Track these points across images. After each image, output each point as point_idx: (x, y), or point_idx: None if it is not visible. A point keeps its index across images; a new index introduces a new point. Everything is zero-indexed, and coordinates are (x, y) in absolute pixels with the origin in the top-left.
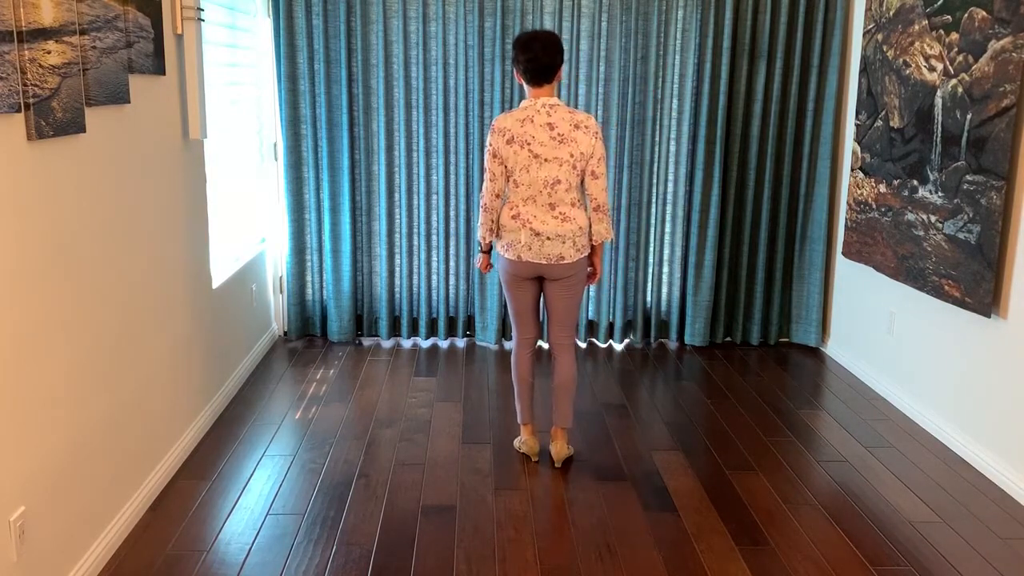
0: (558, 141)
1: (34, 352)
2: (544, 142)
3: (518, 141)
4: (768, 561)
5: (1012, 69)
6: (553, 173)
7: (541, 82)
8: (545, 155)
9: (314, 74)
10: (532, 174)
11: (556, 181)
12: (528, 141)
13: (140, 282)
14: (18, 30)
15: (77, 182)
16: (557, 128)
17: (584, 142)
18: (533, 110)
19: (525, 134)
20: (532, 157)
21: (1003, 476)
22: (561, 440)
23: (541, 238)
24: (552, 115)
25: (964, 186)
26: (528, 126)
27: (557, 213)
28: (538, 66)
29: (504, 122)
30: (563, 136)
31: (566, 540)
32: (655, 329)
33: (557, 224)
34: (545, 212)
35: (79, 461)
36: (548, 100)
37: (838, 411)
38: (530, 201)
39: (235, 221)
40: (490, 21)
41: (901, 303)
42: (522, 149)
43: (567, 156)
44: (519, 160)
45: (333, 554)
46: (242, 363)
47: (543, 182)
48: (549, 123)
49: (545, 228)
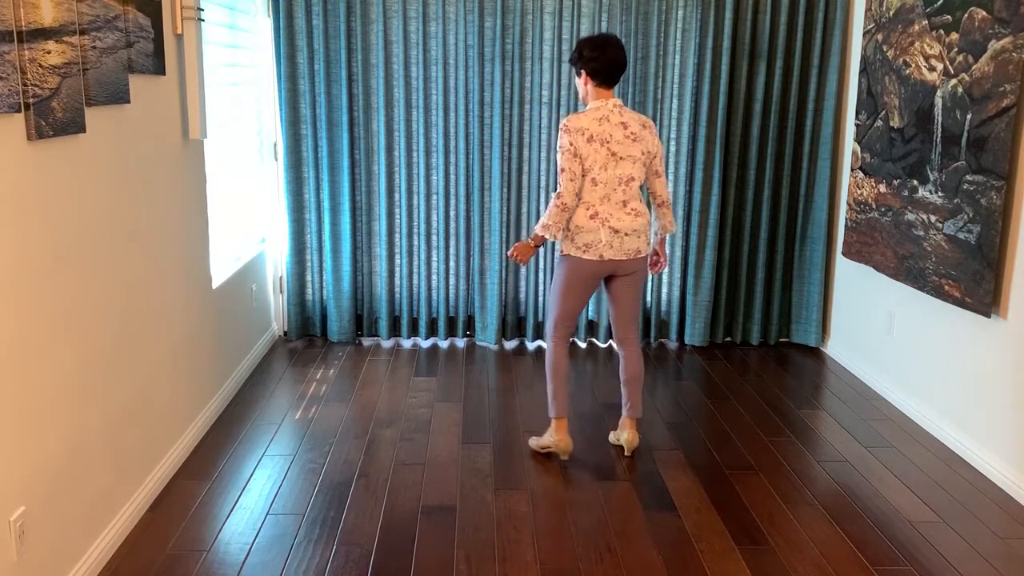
0: (632, 140)
1: (34, 352)
2: (620, 140)
3: (598, 139)
4: (768, 561)
5: (1012, 69)
6: (628, 170)
7: (611, 83)
8: (621, 153)
9: (314, 74)
10: (610, 172)
11: (631, 178)
12: (607, 140)
13: (140, 282)
14: (18, 30)
15: (77, 182)
16: (630, 127)
17: (651, 141)
18: (607, 110)
19: (604, 133)
20: (610, 155)
21: (1003, 476)
22: (633, 429)
23: (620, 235)
24: (623, 115)
25: (964, 186)
26: (605, 125)
27: (630, 209)
28: (616, 67)
29: (580, 122)
30: (635, 135)
31: (566, 540)
32: (655, 329)
33: (632, 220)
34: (619, 209)
35: (79, 461)
36: (616, 101)
37: (838, 411)
38: (606, 199)
39: (235, 221)
40: (490, 21)
41: (901, 303)
42: (602, 147)
43: (639, 154)
44: (598, 158)
45: (333, 554)
46: (242, 363)
47: (618, 179)
48: (623, 122)
49: (622, 224)
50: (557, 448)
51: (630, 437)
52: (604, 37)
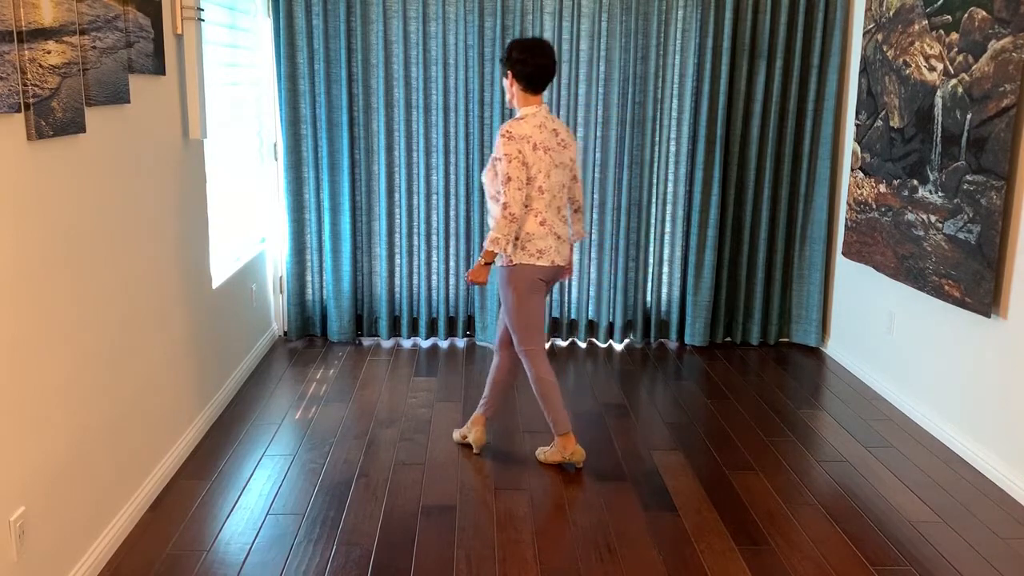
0: (562, 146)
1: (34, 352)
2: (554, 148)
3: (541, 147)
4: (768, 561)
5: (1012, 69)
6: (561, 177)
7: (539, 89)
8: (557, 160)
9: (314, 74)
10: (552, 179)
11: (562, 185)
12: (549, 147)
13: (140, 282)
14: (18, 30)
15: (77, 182)
16: (560, 134)
17: (574, 147)
18: (542, 116)
19: (545, 140)
20: (552, 163)
21: (1003, 476)
22: (482, 427)
23: (561, 240)
24: (554, 122)
25: (964, 186)
26: (544, 132)
27: (561, 216)
28: (544, 74)
29: (523, 129)
30: (564, 142)
31: (566, 540)
32: (655, 329)
33: (564, 226)
34: (556, 215)
35: (79, 461)
36: (544, 108)
37: (838, 411)
38: (550, 206)
39: (235, 221)
40: (490, 21)
41: (901, 303)
42: (545, 154)
43: (568, 160)
44: (543, 166)
45: (333, 554)
46: (242, 363)
47: (559, 186)
48: (554, 129)
49: (562, 231)
50: (572, 459)
51: (478, 435)
52: (535, 42)
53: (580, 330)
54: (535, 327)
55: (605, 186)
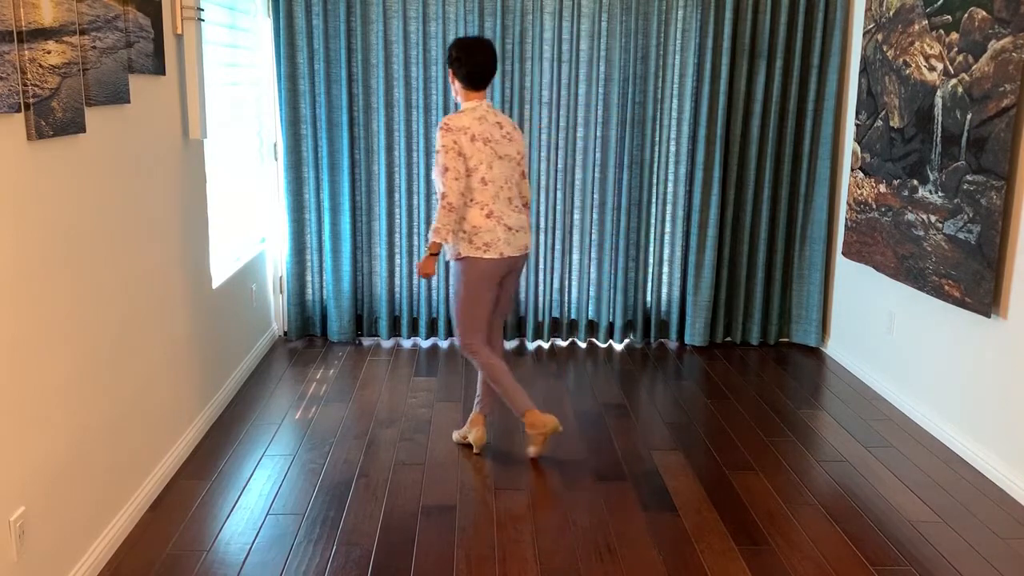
0: (508, 139)
1: (34, 352)
2: (499, 140)
3: (480, 138)
4: (768, 561)
5: (1012, 69)
6: (507, 170)
7: (480, 87)
8: (500, 152)
9: (314, 74)
10: (496, 171)
11: (510, 176)
12: (489, 138)
13: (140, 282)
14: (18, 30)
15: (77, 182)
16: (504, 128)
17: (521, 142)
18: (483, 110)
19: (485, 131)
20: (494, 154)
21: (1003, 476)
22: (481, 427)
23: (512, 231)
24: (497, 116)
25: (964, 186)
26: (485, 124)
27: (515, 206)
28: (482, 73)
29: (461, 121)
30: (510, 135)
31: (566, 540)
32: (655, 329)
33: (518, 216)
34: (507, 206)
35: (79, 461)
36: (488, 103)
37: (838, 411)
38: (497, 198)
39: (235, 221)
40: (490, 21)
41: (901, 303)
42: (485, 146)
43: (515, 153)
44: (484, 157)
45: (333, 554)
46: (242, 363)
47: (504, 178)
48: (498, 122)
49: (512, 221)
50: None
51: (478, 435)
52: (475, 41)
53: (580, 330)
54: (478, 322)
55: (605, 186)
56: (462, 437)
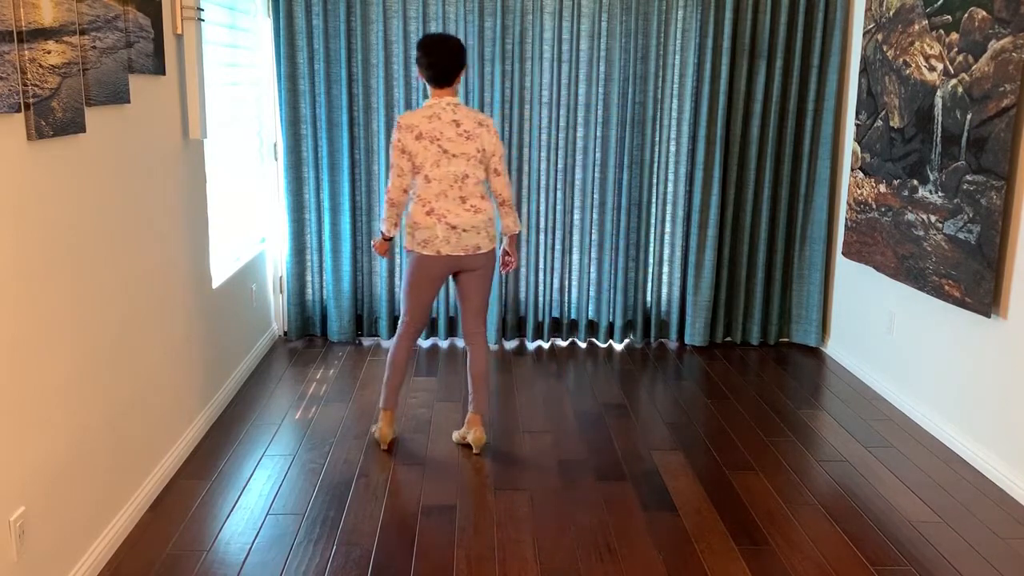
0: (465, 137)
1: (34, 352)
2: (452, 138)
3: (427, 137)
4: (768, 561)
5: (1012, 69)
6: (462, 168)
7: (442, 84)
8: (454, 151)
9: (314, 74)
10: (442, 169)
11: (465, 176)
12: (437, 137)
13: (140, 282)
14: (18, 30)
15: (77, 182)
16: (463, 125)
17: (487, 139)
18: (439, 107)
19: (434, 130)
20: (442, 152)
21: (1003, 476)
22: (479, 427)
23: (457, 231)
24: (457, 113)
25: (964, 186)
26: (436, 123)
27: (468, 206)
28: (440, 71)
29: (411, 119)
30: (469, 133)
31: (566, 540)
32: (655, 329)
33: (470, 216)
34: (458, 205)
35: (79, 461)
36: (451, 100)
37: (838, 411)
38: (442, 196)
39: (235, 221)
40: (490, 21)
41: (901, 303)
42: (432, 144)
43: (474, 151)
44: (429, 155)
45: (333, 554)
46: (242, 363)
47: (453, 177)
48: (455, 120)
49: (460, 221)
50: (377, 436)
51: (477, 435)
52: (436, 39)
53: (580, 330)
54: (411, 310)
55: (605, 186)
56: (461, 438)
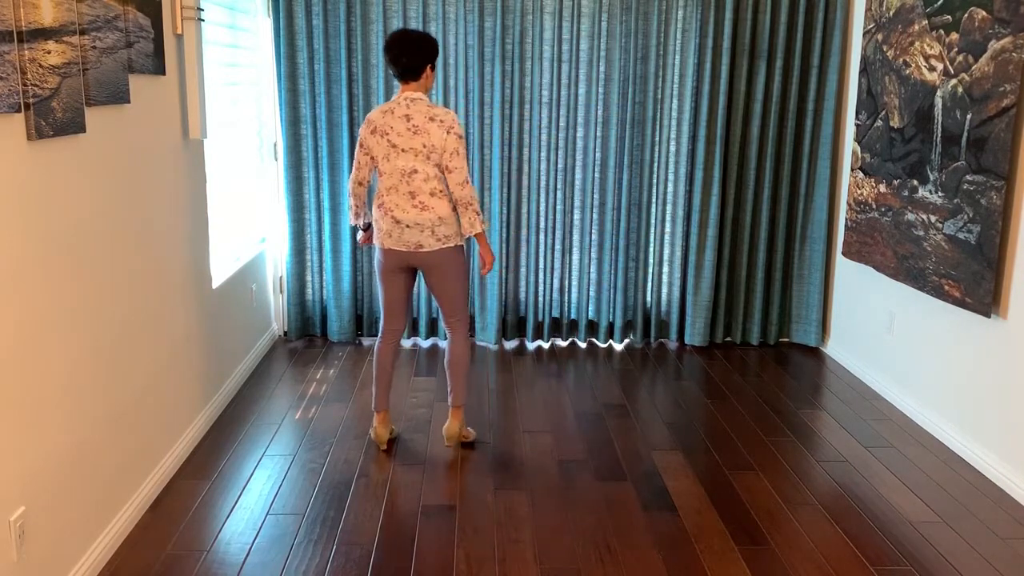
0: (413, 132)
1: (34, 352)
2: (401, 132)
3: (379, 131)
4: (768, 561)
5: (1012, 69)
6: (409, 163)
7: (406, 79)
8: (402, 145)
9: (314, 74)
10: (391, 163)
11: (413, 171)
12: (387, 131)
13: (140, 282)
14: (18, 30)
15: (77, 182)
16: (413, 120)
17: (436, 135)
18: (396, 102)
19: (385, 124)
20: (391, 147)
21: (1003, 476)
22: (454, 419)
23: (401, 226)
24: (410, 108)
25: (964, 186)
26: (388, 117)
27: (417, 202)
28: (399, 66)
29: (372, 114)
30: (417, 127)
31: (566, 540)
32: (655, 329)
33: (416, 213)
34: (406, 201)
35: (79, 461)
36: (412, 95)
37: (838, 411)
38: (392, 190)
39: (235, 221)
40: (490, 21)
41: (901, 303)
42: (382, 139)
43: (420, 147)
44: (380, 149)
45: (333, 554)
46: (242, 363)
47: (401, 171)
48: (407, 115)
49: (404, 216)
50: (372, 437)
51: (449, 428)
52: (398, 35)
53: (580, 330)
54: (384, 309)
55: (605, 186)
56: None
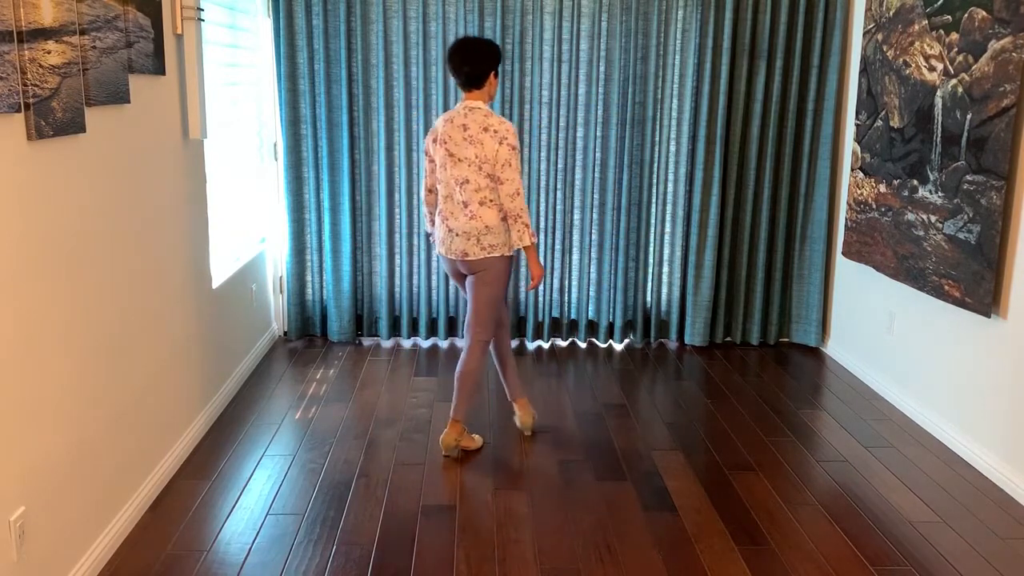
0: (468, 142)
1: (34, 352)
2: (457, 142)
3: (439, 140)
4: (768, 561)
5: (1012, 69)
6: (463, 172)
7: (469, 88)
8: (458, 154)
9: (314, 74)
10: (448, 172)
11: (465, 180)
12: (446, 140)
13: (140, 282)
14: (18, 30)
15: (77, 182)
16: (469, 129)
17: (489, 145)
18: (456, 112)
19: (444, 133)
20: (448, 155)
21: (1003, 476)
22: (451, 430)
23: (452, 234)
24: (468, 117)
25: (964, 186)
26: (448, 126)
27: (468, 211)
28: (460, 76)
29: (437, 122)
30: (472, 137)
31: (566, 540)
32: (655, 329)
33: (465, 222)
34: (459, 209)
35: (79, 461)
36: (472, 103)
37: (838, 411)
38: (448, 199)
39: (235, 221)
40: (490, 21)
41: (901, 303)
42: (441, 147)
43: (473, 156)
44: (440, 159)
45: (333, 554)
46: (242, 363)
47: (455, 180)
48: (464, 124)
49: (455, 224)
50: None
51: (444, 436)
52: (459, 44)
53: (580, 330)
54: None
55: (605, 186)
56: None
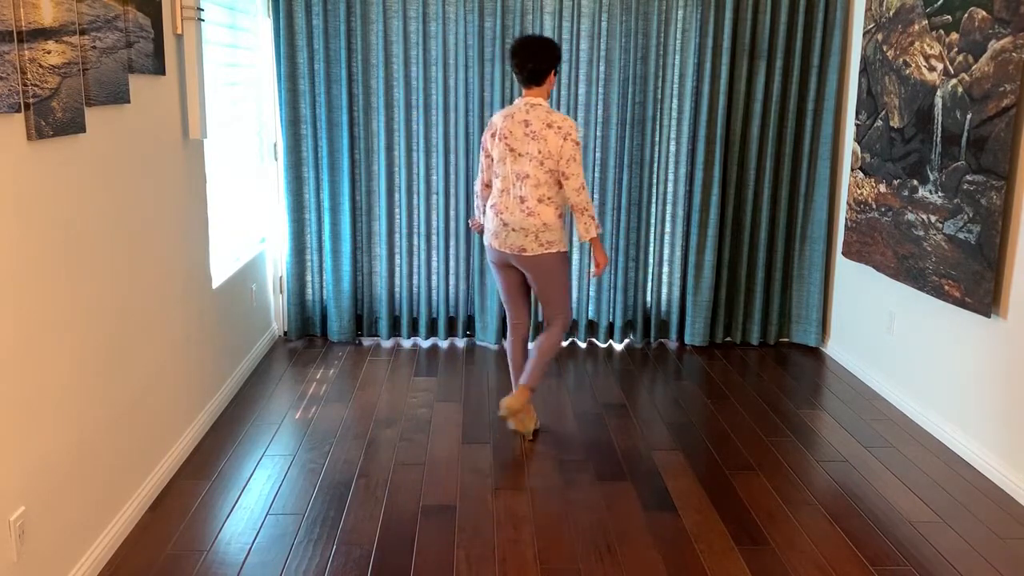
0: (530, 137)
1: (34, 352)
2: (519, 137)
3: (499, 135)
4: (768, 561)
5: (1012, 69)
6: (524, 168)
7: (529, 84)
8: (519, 150)
9: (314, 74)
10: (507, 167)
11: (525, 175)
12: (506, 135)
13: (140, 282)
14: (18, 30)
15: (77, 182)
16: (531, 125)
17: (553, 141)
18: (517, 107)
19: (504, 129)
20: (508, 150)
21: (1003, 476)
22: (520, 395)
23: (508, 228)
24: (529, 113)
25: (964, 186)
26: (508, 122)
27: (525, 207)
28: (523, 73)
29: (495, 117)
30: (535, 133)
31: (566, 540)
32: (655, 329)
33: (523, 217)
34: (516, 204)
35: (79, 461)
36: (533, 100)
37: (838, 411)
38: (505, 193)
39: (235, 221)
40: (490, 21)
41: (901, 303)
42: (501, 142)
43: (536, 152)
44: (498, 153)
45: (333, 554)
46: (242, 363)
47: (515, 175)
48: (526, 120)
49: (512, 219)
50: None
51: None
52: (521, 42)
53: (580, 330)
54: (503, 302)
55: (605, 186)
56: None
